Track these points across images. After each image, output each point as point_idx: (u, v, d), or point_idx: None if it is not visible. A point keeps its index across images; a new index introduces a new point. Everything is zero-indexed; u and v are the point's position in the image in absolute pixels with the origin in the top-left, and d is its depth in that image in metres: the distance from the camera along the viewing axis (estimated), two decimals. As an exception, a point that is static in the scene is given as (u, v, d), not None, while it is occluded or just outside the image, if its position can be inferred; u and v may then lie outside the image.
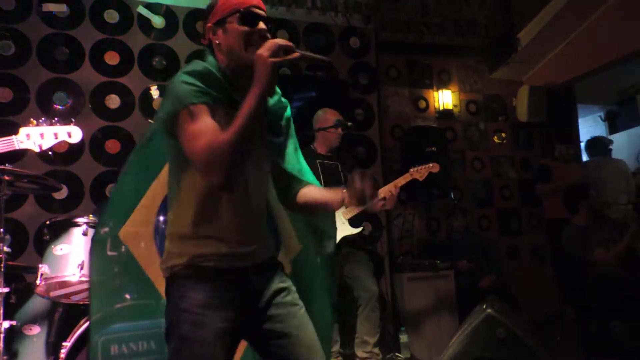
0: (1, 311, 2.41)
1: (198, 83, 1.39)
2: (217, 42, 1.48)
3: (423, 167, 3.52)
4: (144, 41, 4.22)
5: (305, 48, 4.55)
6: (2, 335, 2.40)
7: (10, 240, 3.59)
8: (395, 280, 4.63)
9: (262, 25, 1.46)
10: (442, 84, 5.57)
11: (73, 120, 2.33)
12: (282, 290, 1.53)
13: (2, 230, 2.52)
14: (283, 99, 1.62)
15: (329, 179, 3.51)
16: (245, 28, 1.44)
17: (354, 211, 3.47)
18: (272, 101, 1.55)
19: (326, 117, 3.57)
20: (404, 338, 4.20)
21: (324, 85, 4.61)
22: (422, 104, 5.46)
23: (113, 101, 4.10)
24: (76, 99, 3.99)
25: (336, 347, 3.44)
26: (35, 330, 2.73)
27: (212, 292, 1.41)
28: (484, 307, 2.69)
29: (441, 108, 5.48)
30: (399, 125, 5.28)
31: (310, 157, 3.33)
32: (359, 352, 3.43)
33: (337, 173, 3.59)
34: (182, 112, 1.36)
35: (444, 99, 5.50)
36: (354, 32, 4.95)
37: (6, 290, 2.45)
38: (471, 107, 5.69)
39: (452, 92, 5.58)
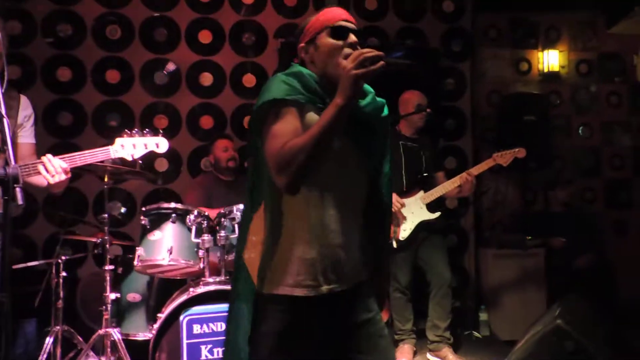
0: (108, 285, 2.84)
1: (294, 82, 1.44)
2: (309, 60, 1.53)
3: (508, 152, 3.43)
4: (234, 18, 4.35)
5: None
6: (110, 304, 2.84)
7: (123, 207, 4.17)
8: (480, 255, 4.56)
9: (352, 37, 1.49)
10: (550, 43, 5.08)
11: (161, 131, 2.55)
12: (367, 320, 1.52)
13: (106, 215, 2.91)
14: (378, 98, 1.59)
15: (409, 161, 3.54)
16: (337, 42, 1.49)
17: (432, 196, 3.45)
18: (364, 102, 1.53)
19: (407, 98, 3.55)
20: (483, 316, 4.18)
21: (413, 54, 4.43)
22: (524, 67, 5.06)
23: (206, 79, 4.34)
24: (173, 78, 4.28)
25: (409, 325, 3.54)
26: (137, 298, 3.17)
27: (293, 319, 1.44)
28: (556, 314, 2.59)
29: (546, 70, 5.04)
30: (497, 91, 4.98)
31: (394, 138, 3.41)
32: (430, 335, 3.49)
33: (418, 155, 3.57)
34: (271, 109, 1.42)
35: (550, 59, 5.04)
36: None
37: (111, 268, 2.86)
38: (582, 68, 5.15)
39: (560, 51, 5.08)
